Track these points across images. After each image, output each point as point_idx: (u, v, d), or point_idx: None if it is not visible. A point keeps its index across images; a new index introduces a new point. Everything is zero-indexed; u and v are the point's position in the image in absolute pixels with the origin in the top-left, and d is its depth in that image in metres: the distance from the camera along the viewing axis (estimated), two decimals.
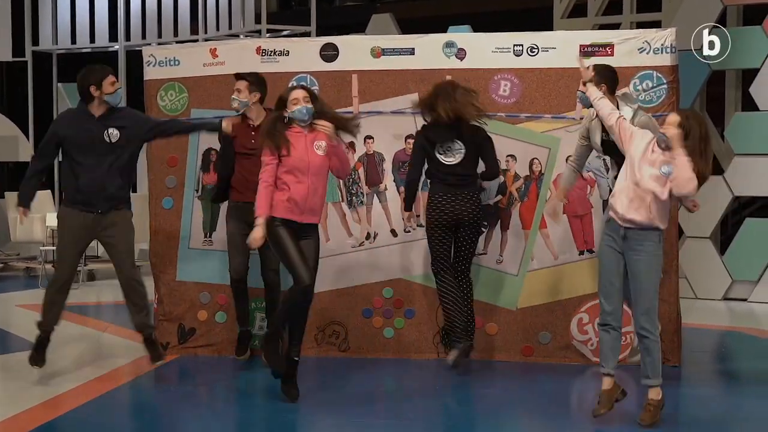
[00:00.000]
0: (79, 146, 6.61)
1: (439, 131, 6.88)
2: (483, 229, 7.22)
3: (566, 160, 7.01)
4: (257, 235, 6.03)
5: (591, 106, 6.08)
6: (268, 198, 6.07)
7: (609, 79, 6.36)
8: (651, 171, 5.53)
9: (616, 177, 6.12)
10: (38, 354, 6.85)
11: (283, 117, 6.16)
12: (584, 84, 6.05)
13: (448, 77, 7.16)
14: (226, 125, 6.87)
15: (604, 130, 6.26)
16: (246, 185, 6.87)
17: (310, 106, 6.13)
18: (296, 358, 6.20)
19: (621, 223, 5.62)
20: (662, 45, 7.13)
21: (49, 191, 14.11)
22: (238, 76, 7.02)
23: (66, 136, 6.67)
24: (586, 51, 7.20)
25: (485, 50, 7.39)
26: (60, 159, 7.00)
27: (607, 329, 5.72)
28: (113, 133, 6.60)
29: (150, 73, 7.78)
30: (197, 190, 7.69)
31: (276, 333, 6.21)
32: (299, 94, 6.16)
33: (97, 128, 6.60)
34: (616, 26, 11.66)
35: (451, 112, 6.74)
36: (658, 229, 5.61)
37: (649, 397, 5.74)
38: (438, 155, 6.89)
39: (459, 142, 6.88)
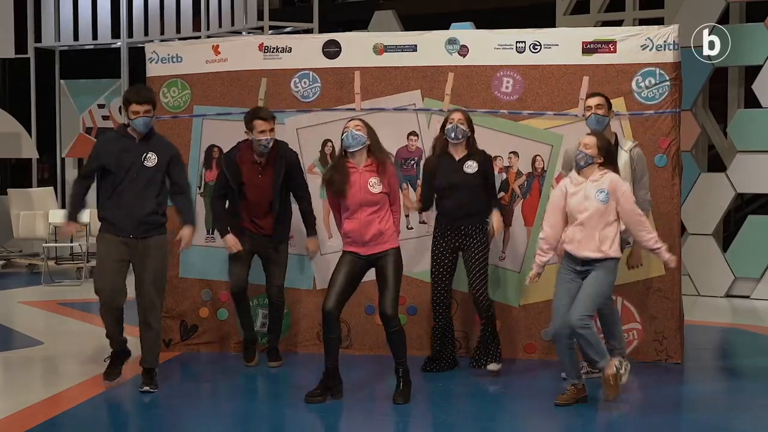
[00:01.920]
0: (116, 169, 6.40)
1: None
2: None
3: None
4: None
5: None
6: (338, 222, 6.38)
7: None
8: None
9: None
10: (110, 368, 6.62)
11: (343, 156, 6.21)
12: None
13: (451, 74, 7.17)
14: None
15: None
16: (253, 213, 6.95)
17: (358, 132, 6.13)
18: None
19: None
20: (665, 42, 7.12)
21: (51, 188, 14.13)
22: (263, 117, 6.83)
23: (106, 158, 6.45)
24: (588, 48, 7.20)
25: (488, 47, 7.38)
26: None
27: None
28: (150, 157, 6.37)
29: (152, 69, 7.78)
30: (200, 187, 7.69)
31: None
32: (350, 124, 6.20)
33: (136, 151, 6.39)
34: (618, 23, 11.65)
35: None
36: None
37: (606, 374, 5.96)
38: None
39: None
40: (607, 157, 6.07)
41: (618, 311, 6.90)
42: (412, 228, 7.48)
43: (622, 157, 6.53)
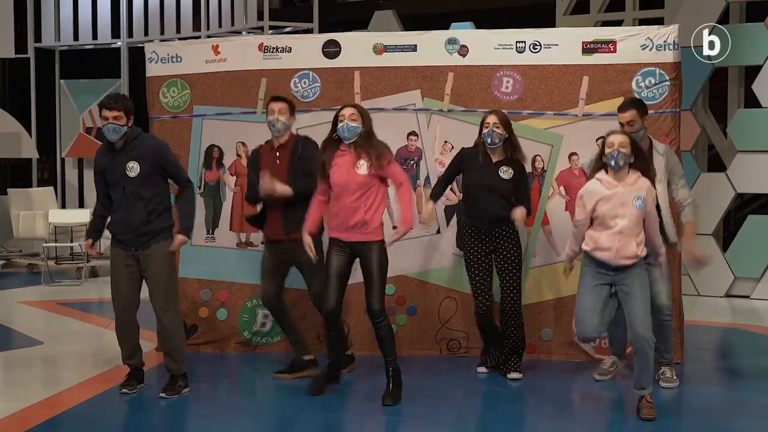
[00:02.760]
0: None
1: None
2: None
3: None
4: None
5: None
6: (316, 214, 6.31)
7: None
8: None
9: None
10: (127, 381, 6.52)
11: (333, 138, 6.21)
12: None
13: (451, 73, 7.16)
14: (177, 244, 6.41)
15: None
16: (275, 219, 6.68)
17: (354, 124, 6.13)
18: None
19: None
20: (665, 42, 7.12)
21: (51, 188, 14.13)
22: (277, 98, 6.73)
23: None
24: (588, 48, 7.20)
25: (488, 47, 7.39)
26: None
27: None
28: (133, 167, 6.20)
29: (152, 69, 7.78)
30: (199, 187, 7.69)
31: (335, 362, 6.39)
32: (346, 111, 6.18)
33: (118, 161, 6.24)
34: (618, 23, 11.66)
35: None
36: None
37: (649, 399, 5.80)
38: None
39: None
40: (638, 154, 5.86)
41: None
42: (412, 228, 7.46)
43: (657, 161, 6.37)
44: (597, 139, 6.49)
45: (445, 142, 7.43)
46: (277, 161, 6.68)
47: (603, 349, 7.27)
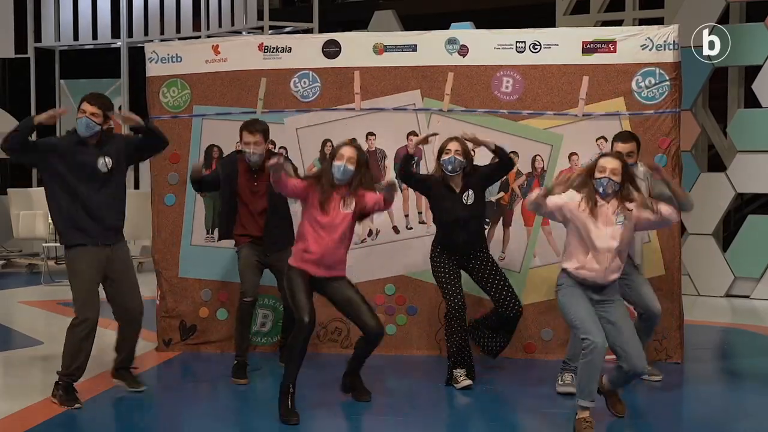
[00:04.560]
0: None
1: None
2: (485, 226, 7.21)
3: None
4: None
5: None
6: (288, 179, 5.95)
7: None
8: None
9: None
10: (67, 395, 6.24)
11: (330, 171, 5.96)
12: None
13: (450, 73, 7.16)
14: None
15: None
16: (251, 224, 6.85)
17: (351, 167, 5.92)
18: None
19: None
20: (665, 42, 7.12)
21: None
22: (252, 130, 6.71)
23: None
24: (588, 47, 7.20)
25: (487, 47, 7.38)
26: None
27: None
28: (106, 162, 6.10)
29: (152, 69, 7.78)
30: None
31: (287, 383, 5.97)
32: (346, 152, 5.95)
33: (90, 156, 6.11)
34: (618, 23, 11.67)
35: None
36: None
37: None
38: None
39: None
40: (628, 181, 5.56)
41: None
42: (411, 228, 7.48)
43: (642, 187, 6.26)
44: (597, 139, 6.51)
45: None
46: (255, 183, 6.81)
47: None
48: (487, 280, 6.59)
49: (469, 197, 6.54)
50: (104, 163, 6.08)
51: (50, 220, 12.12)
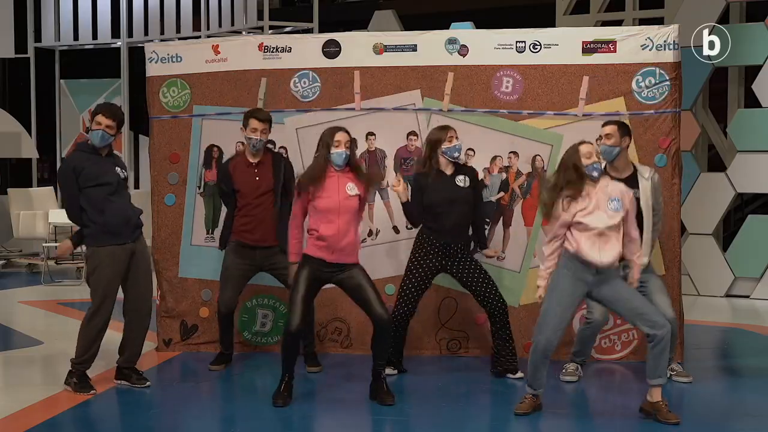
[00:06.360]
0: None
1: None
2: (485, 226, 7.22)
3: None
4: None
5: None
6: (298, 238, 6.22)
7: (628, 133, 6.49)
8: None
9: None
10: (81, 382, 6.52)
11: (326, 158, 6.13)
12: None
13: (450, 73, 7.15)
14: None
15: None
16: (250, 224, 6.90)
17: (348, 152, 6.14)
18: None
19: None
20: (665, 42, 7.12)
21: (51, 188, 14.13)
22: (260, 117, 6.88)
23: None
24: (588, 47, 7.20)
25: (488, 47, 7.38)
26: None
27: None
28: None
29: (152, 69, 7.77)
30: (199, 187, 7.69)
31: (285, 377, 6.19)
32: (342, 137, 6.13)
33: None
34: (618, 23, 11.66)
35: None
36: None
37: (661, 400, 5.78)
38: None
39: None
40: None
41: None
42: (411, 228, 7.47)
43: (644, 185, 6.38)
44: (597, 139, 6.50)
45: None
46: (256, 177, 6.88)
47: (603, 348, 7.29)
48: (469, 279, 6.69)
49: (463, 181, 6.71)
50: (120, 169, 6.49)
51: (50, 221, 12.17)
